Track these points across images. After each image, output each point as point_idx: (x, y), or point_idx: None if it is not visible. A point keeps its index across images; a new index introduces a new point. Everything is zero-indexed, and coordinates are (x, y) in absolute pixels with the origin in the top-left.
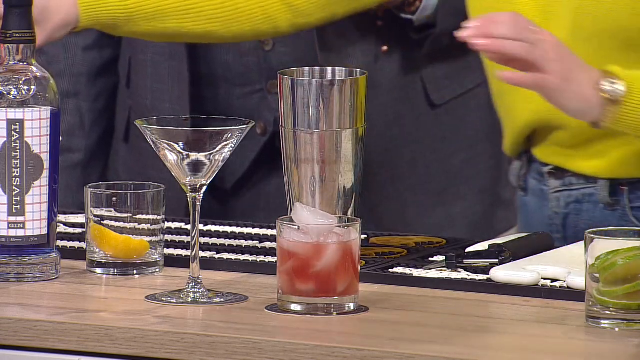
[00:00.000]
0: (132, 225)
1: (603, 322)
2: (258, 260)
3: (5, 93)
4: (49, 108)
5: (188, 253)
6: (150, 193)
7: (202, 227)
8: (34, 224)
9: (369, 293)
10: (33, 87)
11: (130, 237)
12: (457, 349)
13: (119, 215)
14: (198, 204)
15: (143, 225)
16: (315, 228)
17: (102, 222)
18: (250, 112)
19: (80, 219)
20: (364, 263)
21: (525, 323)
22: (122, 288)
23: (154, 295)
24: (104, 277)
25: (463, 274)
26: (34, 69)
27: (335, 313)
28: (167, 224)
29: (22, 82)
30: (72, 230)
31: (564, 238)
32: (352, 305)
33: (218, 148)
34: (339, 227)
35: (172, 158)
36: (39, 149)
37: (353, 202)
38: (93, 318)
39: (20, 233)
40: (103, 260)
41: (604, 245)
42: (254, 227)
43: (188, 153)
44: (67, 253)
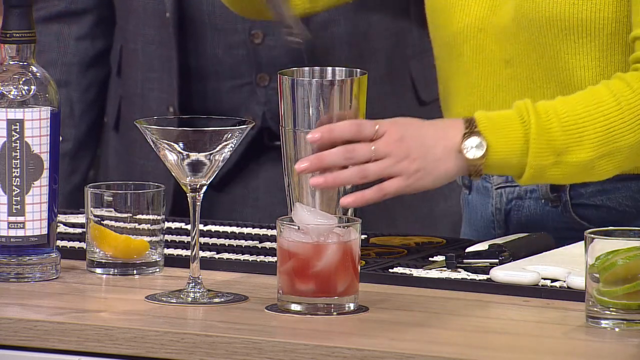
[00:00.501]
0: (132, 225)
1: (603, 322)
2: (258, 260)
3: (5, 93)
4: (49, 108)
5: (188, 253)
6: (150, 193)
7: (202, 227)
8: (34, 224)
9: (369, 293)
10: (33, 87)
11: (130, 237)
12: (457, 349)
13: (119, 215)
14: (198, 204)
15: (143, 225)
16: (315, 228)
17: (102, 222)
18: (239, 105)
19: (80, 219)
20: (364, 263)
21: (525, 323)
22: (122, 288)
23: (154, 295)
24: (104, 277)
25: (463, 274)
26: (34, 69)
27: (335, 313)
28: (167, 224)
29: (22, 82)
30: (72, 230)
31: (506, 235)
32: (352, 305)
33: (218, 148)
34: (339, 227)
35: (172, 158)
36: (39, 149)
37: None
38: (93, 318)
39: (20, 233)
40: (103, 260)
41: (604, 245)
42: (254, 227)
43: (188, 153)
44: (67, 253)
